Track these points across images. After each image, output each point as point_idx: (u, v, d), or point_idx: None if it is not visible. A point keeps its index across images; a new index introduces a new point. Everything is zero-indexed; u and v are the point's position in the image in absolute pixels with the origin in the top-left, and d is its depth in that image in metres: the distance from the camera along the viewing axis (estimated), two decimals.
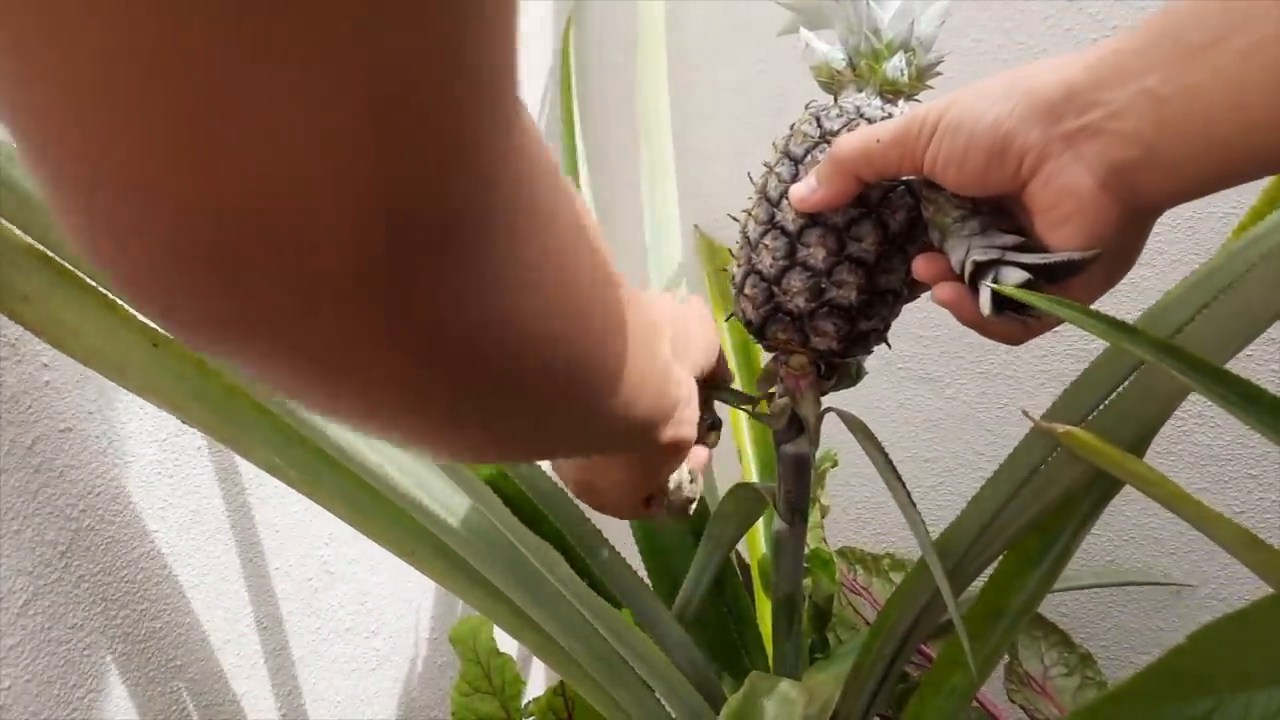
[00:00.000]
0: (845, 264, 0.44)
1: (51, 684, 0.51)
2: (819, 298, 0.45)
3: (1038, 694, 0.66)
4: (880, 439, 0.95)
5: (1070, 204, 0.35)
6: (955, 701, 0.49)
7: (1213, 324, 0.41)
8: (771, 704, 0.41)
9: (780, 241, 0.45)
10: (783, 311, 0.46)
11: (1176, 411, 0.82)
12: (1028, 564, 0.48)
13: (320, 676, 0.72)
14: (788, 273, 0.45)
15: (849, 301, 0.44)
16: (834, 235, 0.44)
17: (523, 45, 0.84)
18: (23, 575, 0.49)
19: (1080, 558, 0.88)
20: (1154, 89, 0.32)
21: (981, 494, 0.50)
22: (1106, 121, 0.33)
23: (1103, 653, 0.86)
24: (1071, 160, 0.35)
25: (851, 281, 0.44)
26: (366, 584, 0.77)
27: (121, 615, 0.55)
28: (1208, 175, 0.33)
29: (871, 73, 0.44)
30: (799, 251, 0.45)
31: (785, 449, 0.52)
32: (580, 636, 0.52)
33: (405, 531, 0.51)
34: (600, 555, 0.58)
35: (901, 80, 0.44)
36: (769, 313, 0.46)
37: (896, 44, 0.44)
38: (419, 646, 0.84)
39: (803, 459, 0.52)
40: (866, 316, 0.45)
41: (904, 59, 0.44)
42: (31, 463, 0.49)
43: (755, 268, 0.46)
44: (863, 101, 0.45)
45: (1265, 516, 0.78)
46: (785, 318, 0.46)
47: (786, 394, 0.50)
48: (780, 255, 0.45)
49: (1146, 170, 0.33)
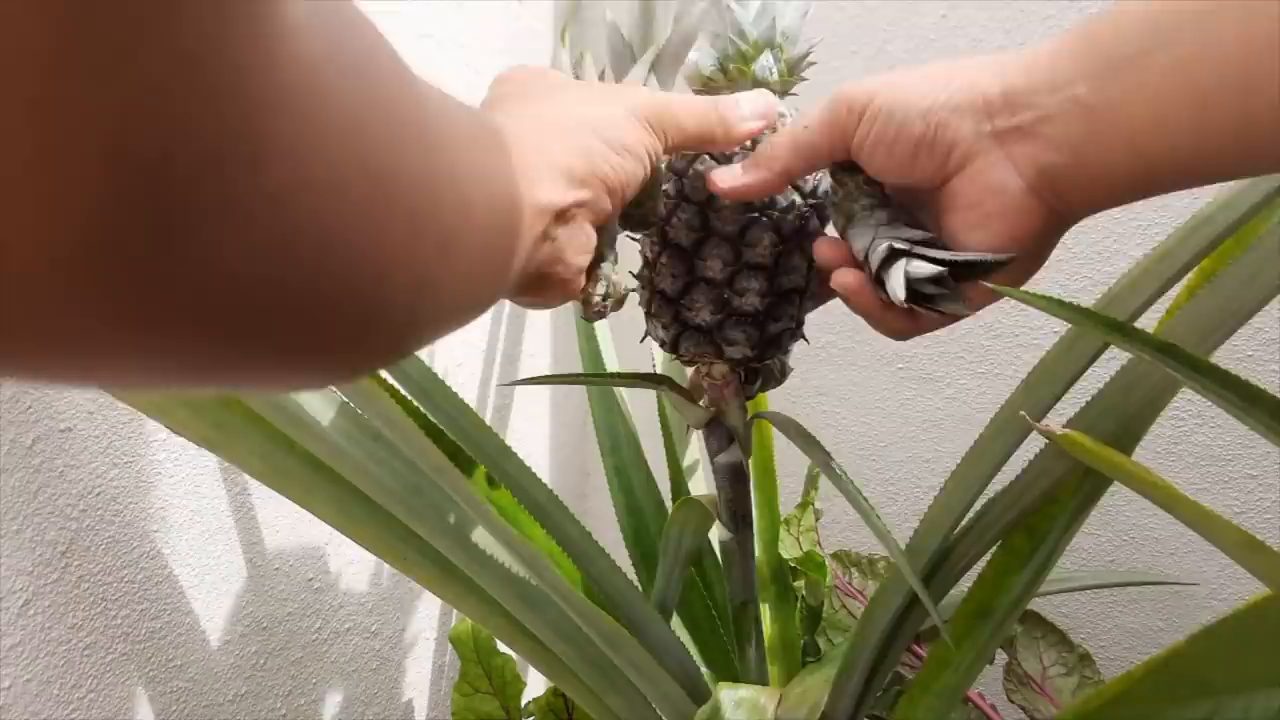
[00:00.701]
0: (744, 271, 0.44)
1: (51, 684, 0.51)
2: (724, 309, 0.45)
3: (1037, 693, 0.66)
4: (880, 439, 0.96)
5: (995, 203, 0.35)
6: (946, 701, 0.49)
7: (1188, 319, 0.41)
8: (741, 713, 0.41)
9: (677, 259, 0.45)
10: (691, 327, 0.46)
11: (1176, 412, 0.82)
12: (1017, 563, 0.48)
13: (320, 676, 0.72)
14: (689, 289, 0.45)
15: (754, 307, 0.44)
16: (728, 245, 0.44)
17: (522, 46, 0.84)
18: (23, 575, 0.49)
19: (1080, 558, 0.88)
20: (1082, 97, 0.32)
21: (947, 487, 0.50)
22: (1038, 125, 0.34)
23: (1102, 653, 0.86)
24: (1001, 159, 0.35)
25: (753, 288, 0.44)
26: (366, 584, 0.77)
27: (121, 615, 0.56)
28: (1131, 185, 0.33)
29: (742, 74, 0.44)
30: (697, 267, 0.44)
31: (719, 459, 0.52)
32: (573, 642, 0.52)
33: (397, 538, 0.51)
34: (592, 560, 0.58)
35: (771, 79, 0.44)
36: (679, 330, 0.46)
37: (762, 43, 0.43)
38: (419, 646, 0.84)
39: (737, 467, 0.52)
40: (774, 319, 0.45)
41: (771, 57, 0.44)
42: (31, 463, 0.50)
43: (658, 288, 0.46)
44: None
45: (1265, 517, 0.78)
46: (695, 333, 0.46)
47: (712, 404, 0.50)
48: (679, 273, 0.45)
49: (1072, 176, 0.34)
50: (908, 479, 0.96)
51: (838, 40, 0.91)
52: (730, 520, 0.54)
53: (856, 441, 0.97)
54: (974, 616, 0.49)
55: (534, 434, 1.02)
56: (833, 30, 0.91)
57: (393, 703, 0.81)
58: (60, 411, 0.51)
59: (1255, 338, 0.77)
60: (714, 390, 0.49)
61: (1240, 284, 0.40)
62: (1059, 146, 0.33)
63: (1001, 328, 0.87)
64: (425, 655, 0.85)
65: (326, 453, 0.48)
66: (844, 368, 0.94)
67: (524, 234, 0.30)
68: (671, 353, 0.48)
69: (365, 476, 0.48)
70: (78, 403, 0.52)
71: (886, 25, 0.89)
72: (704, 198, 0.44)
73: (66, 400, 0.51)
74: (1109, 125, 0.32)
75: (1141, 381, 0.45)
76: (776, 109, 0.42)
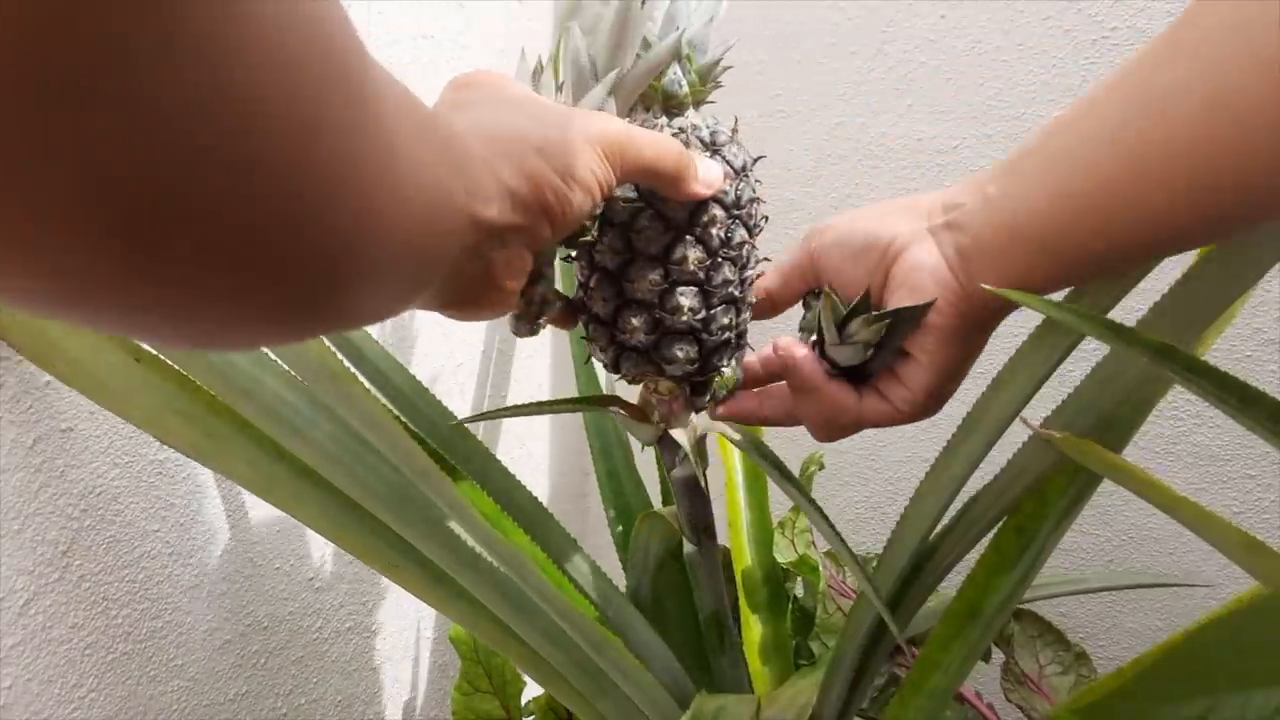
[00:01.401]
0: (673, 289, 0.43)
1: (53, 683, 0.51)
2: (658, 328, 0.44)
3: (1033, 692, 0.66)
4: (879, 439, 0.96)
5: (920, 277, 0.41)
6: (937, 701, 0.49)
7: (1167, 314, 0.42)
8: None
9: (606, 282, 0.44)
10: (629, 349, 0.46)
11: (1175, 411, 0.83)
12: (1006, 563, 0.48)
13: (320, 676, 0.72)
14: (620, 312, 0.44)
15: (688, 324, 0.44)
16: (655, 265, 0.43)
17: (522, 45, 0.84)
18: (24, 575, 0.49)
19: (1079, 558, 0.89)
20: (989, 194, 0.40)
21: (923, 486, 0.50)
22: (959, 218, 0.41)
23: (1101, 652, 0.86)
24: (931, 245, 0.42)
25: (684, 305, 0.43)
26: (366, 584, 0.77)
27: (122, 615, 0.56)
28: (1018, 271, 0.39)
29: (653, 91, 0.43)
30: (625, 289, 0.44)
31: (675, 473, 0.52)
32: (561, 646, 0.52)
33: (387, 546, 0.51)
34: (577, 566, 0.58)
35: (681, 91, 0.43)
36: (617, 352, 0.46)
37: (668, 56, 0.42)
38: (419, 646, 0.84)
39: (691, 481, 0.52)
40: (710, 332, 0.45)
41: (680, 68, 0.43)
42: (32, 462, 0.50)
43: (592, 312, 0.46)
44: (646, 121, 0.44)
45: (1264, 516, 0.79)
46: (633, 354, 0.46)
47: (663, 420, 0.50)
48: (609, 296, 0.44)
49: (976, 258, 0.40)
50: (908, 479, 0.96)
51: (838, 40, 0.91)
52: (691, 533, 0.53)
53: (856, 441, 0.97)
54: (964, 617, 0.49)
55: (533, 435, 1.02)
56: (832, 30, 0.91)
57: (393, 702, 0.82)
58: (61, 411, 0.51)
59: (1254, 338, 0.77)
60: (663, 406, 0.49)
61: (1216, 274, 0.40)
62: (969, 232, 0.40)
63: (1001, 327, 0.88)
64: (425, 654, 0.86)
65: (315, 459, 0.48)
66: None
67: (452, 241, 0.29)
68: (614, 373, 0.48)
69: (354, 482, 0.48)
70: (79, 403, 0.52)
71: (886, 25, 0.89)
72: (625, 219, 0.43)
73: (68, 400, 0.51)
74: (1001, 215, 0.39)
75: (1118, 376, 0.46)
76: (723, 185, 0.43)
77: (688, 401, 0.49)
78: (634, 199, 0.43)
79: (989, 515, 0.50)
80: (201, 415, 0.48)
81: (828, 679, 0.53)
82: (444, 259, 0.29)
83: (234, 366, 0.47)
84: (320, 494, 0.50)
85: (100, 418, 0.53)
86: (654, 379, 0.48)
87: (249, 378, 0.47)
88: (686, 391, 0.49)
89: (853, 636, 0.52)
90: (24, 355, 0.47)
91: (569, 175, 0.34)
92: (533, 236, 0.34)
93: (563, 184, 0.33)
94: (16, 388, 0.49)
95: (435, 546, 0.50)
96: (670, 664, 0.57)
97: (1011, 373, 0.45)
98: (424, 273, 0.28)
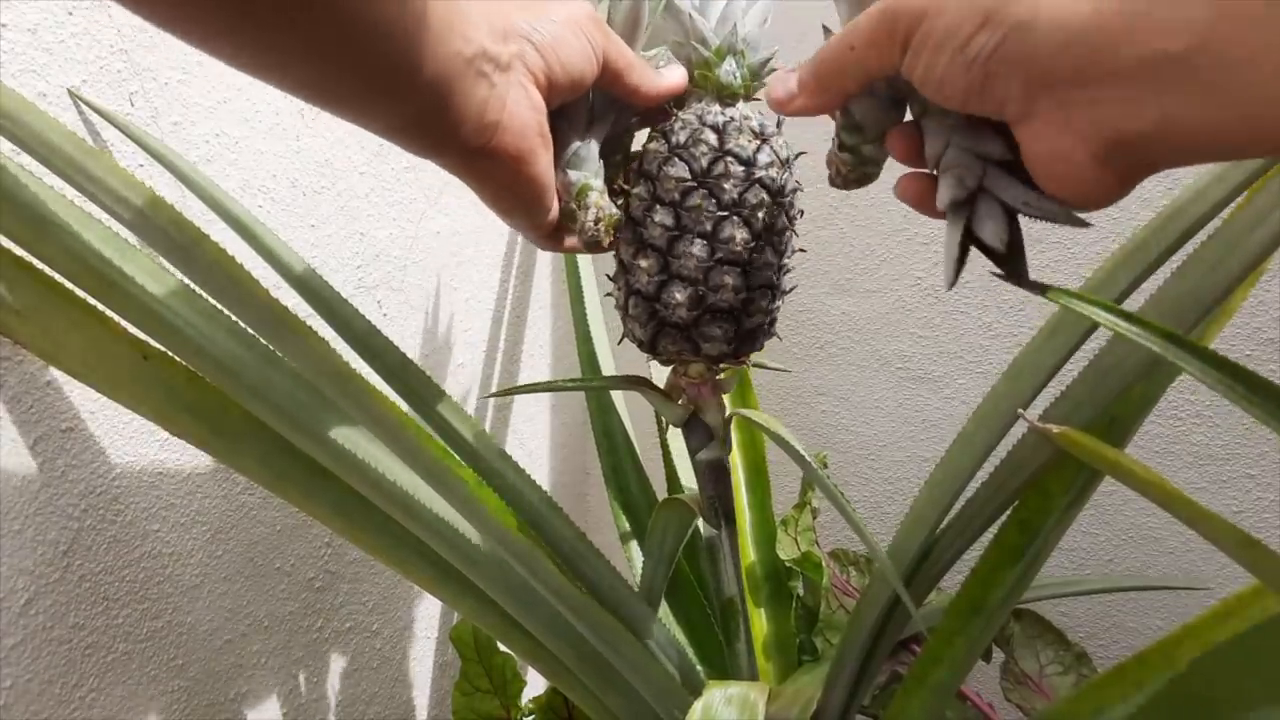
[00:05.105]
0: (719, 267, 0.45)
1: (53, 683, 0.51)
2: (700, 305, 0.46)
3: (1034, 692, 0.66)
4: (879, 439, 0.96)
5: (1062, 168, 0.31)
6: (940, 697, 0.49)
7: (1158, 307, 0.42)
8: (731, 709, 0.41)
9: (653, 259, 0.46)
10: (669, 325, 0.47)
11: (1174, 411, 0.83)
12: (1009, 558, 0.48)
13: (320, 676, 0.73)
14: (665, 287, 0.46)
15: (730, 303, 0.46)
16: (702, 241, 0.45)
17: None
18: (24, 575, 0.50)
19: (1079, 558, 0.89)
20: (1178, 54, 0.27)
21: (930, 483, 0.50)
22: (1110, 88, 0.28)
23: (1101, 652, 0.87)
24: (1063, 127, 0.30)
25: (729, 283, 0.45)
26: (367, 584, 0.77)
27: (123, 615, 0.56)
28: (1227, 146, 0.28)
29: (707, 81, 0.46)
30: (672, 264, 0.46)
31: (700, 456, 0.53)
32: (569, 641, 0.52)
33: (396, 541, 0.52)
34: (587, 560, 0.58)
35: (735, 84, 0.46)
36: (656, 329, 0.47)
37: (724, 49, 0.46)
38: (419, 646, 0.85)
39: (717, 464, 0.53)
40: (749, 314, 0.47)
41: (734, 62, 0.46)
42: (33, 462, 0.50)
43: (634, 288, 0.47)
44: (703, 109, 0.46)
45: (1264, 516, 0.79)
46: (673, 330, 0.47)
47: (691, 403, 0.51)
48: (655, 271, 0.46)
49: (1156, 144, 0.29)
50: (907, 478, 0.96)
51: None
52: (714, 517, 0.54)
53: (856, 441, 0.97)
54: (967, 612, 0.49)
55: (534, 434, 1.02)
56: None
57: (393, 702, 0.82)
58: (62, 411, 0.51)
59: (1254, 338, 0.77)
60: (692, 389, 0.51)
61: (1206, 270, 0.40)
62: (1136, 113, 0.28)
63: (1000, 328, 0.88)
64: (426, 654, 0.86)
65: (325, 455, 0.48)
66: (843, 368, 0.95)
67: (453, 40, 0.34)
68: (650, 353, 0.49)
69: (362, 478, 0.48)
70: (79, 402, 0.52)
71: None
72: (676, 197, 0.45)
73: (68, 400, 0.51)
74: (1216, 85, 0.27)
75: (1115, 368, 0.46)
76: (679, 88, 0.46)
77: (716, 385, 0.50)
78: (686, 178, 0.45)
79: (988, 510, 0.50)
80: (211, 411, 0.49)
81: (832, 675, 0.53)
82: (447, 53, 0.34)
83: (245, 365, 0.47)
84: (330, 488, 0.50)
85: (101, 417, 0.53)
86: (686, 361, 0.49)
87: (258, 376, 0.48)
88: (714, 376, 0.50)
89: (857, 633, 0.52)
90: (32, 352, 0.47)
91: (546, 21, 0.39)
92: (527, 63, 0.38)
93: (540, 22, 0.39)
94: (17, 388, 0.49)
95: (442, 544, 0.50)
96: (679, 655, 0.58)
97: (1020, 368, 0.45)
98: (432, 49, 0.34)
